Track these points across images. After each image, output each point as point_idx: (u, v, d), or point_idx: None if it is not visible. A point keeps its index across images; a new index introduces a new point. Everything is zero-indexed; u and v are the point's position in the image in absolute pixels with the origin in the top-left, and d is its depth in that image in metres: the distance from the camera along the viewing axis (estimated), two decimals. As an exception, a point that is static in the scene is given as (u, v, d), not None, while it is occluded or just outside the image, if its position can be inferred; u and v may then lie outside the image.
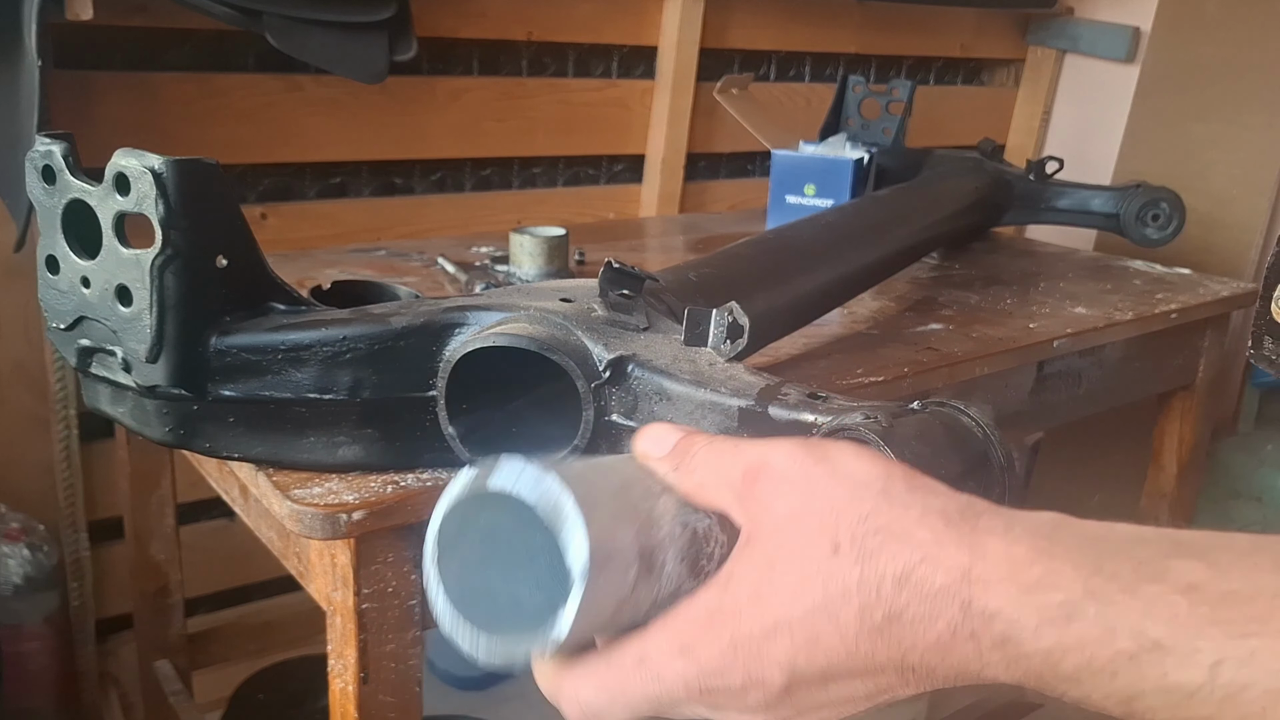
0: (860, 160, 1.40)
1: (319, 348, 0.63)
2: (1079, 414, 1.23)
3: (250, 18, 1.21)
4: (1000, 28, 2.22)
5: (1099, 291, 1.27)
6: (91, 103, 1.27)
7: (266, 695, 1.56)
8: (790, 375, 0.84)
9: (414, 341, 0.64)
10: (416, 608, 0.70)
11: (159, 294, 0.59)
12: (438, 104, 1.53)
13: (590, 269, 1.22)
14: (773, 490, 0.38)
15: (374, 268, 1.21)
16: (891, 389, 0.91)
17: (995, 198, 1.46)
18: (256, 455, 0.66)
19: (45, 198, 0.62)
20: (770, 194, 1.44)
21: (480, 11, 1.52)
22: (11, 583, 1.30)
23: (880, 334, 1.04)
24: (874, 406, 0.53)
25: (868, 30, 1.98)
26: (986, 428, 0.54)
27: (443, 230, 1.60)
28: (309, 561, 0.72)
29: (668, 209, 1.80)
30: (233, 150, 1.39)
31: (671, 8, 1.67)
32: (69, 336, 0.65)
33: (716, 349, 0.62)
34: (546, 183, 1.73)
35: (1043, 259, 1.48)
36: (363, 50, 1.30)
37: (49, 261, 0.64)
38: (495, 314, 0.64)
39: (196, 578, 1.50)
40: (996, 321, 1.11)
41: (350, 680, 0.69)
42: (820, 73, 1.99)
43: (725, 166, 1.94)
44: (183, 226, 0.58)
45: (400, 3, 1.32)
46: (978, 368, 1.00)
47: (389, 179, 1.57)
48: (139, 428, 0.65)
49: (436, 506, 0.37)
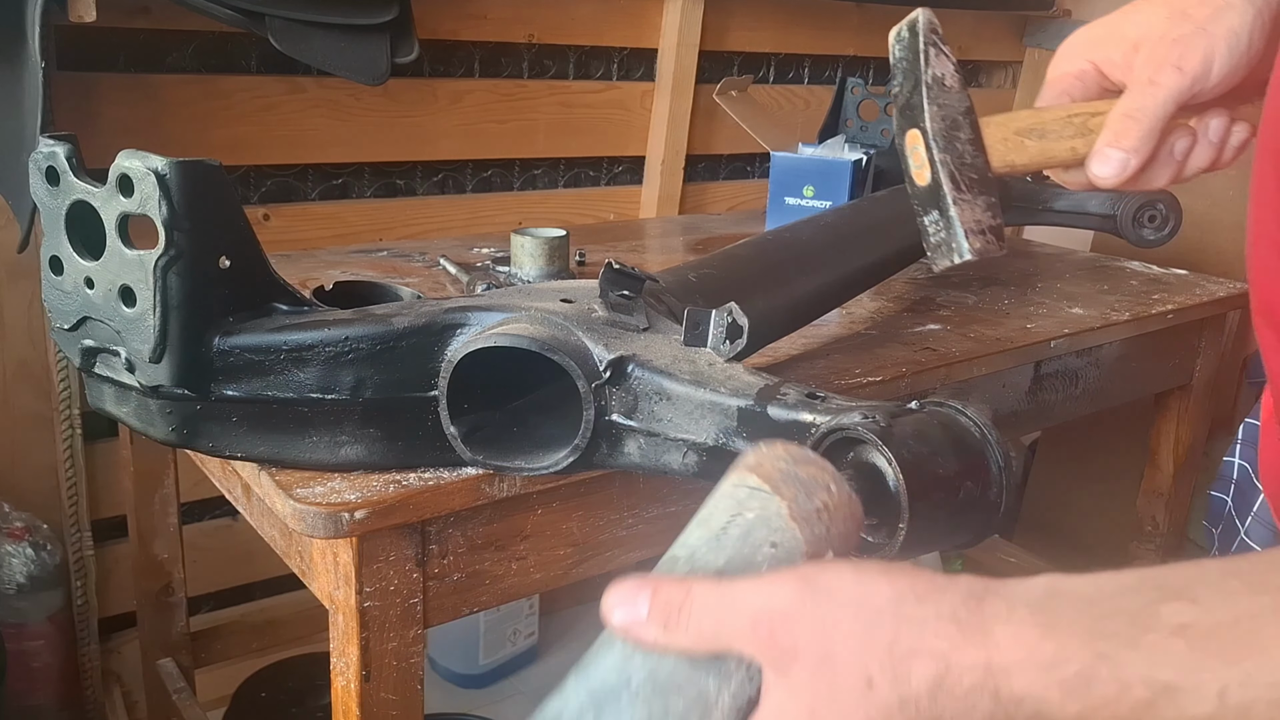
0: (859, 162, 1.40)
1: (321, 348, 0.63)
2: (1076, 414, 1.24)
3: (253, 20, 1.22)
4: (998, 30, 2.22)
5: (1096, 292, 1.28)
6: (95, 104, 1.28)
7: (269, 693, 1.57)
8: (789, 375, 0.84)
9: (416, 342, 0.64)
10: (418, 606, 0.71)
11: (162, 294, 0.59)
12: (439, 105, 1.53)
13: (591, 270, 1.22)
14: (789, 635, 0.38)
15: (376, 268, 1.21)
16: (889, 389, 0.92)
17: (994, 199, 1.47)
18: (259, 454, 0.66)
19: (49, 199, 0.63)
20: (769, 195, 1.44)
21: (481, 14, 1.52)
22: (15, 581, 1.31)
23: (878, 334, 1.05)
24: (872, 406, 0.54)
25: (866, 32, 1.99)
26: (984, 427, 0.54)
27: (444, 231, 1.60)
28: (311, 560, 0.72)
29: (667, 210, 1.81)
30: (235, 151, 1.39)
31: (671, 10, 1.68)
32: (73, 337, 0.65)
33: (716, 349, 0.63)
34: (547, 184, 1.73)
35: (1040, 260, 1.49)
36: (364, 52, 1.31)
37: (53, 262, 0.64)
38: (496, 314, 0.65)
39: (199, 576, 1.51)
40: (994, 322, 1.11)
41: (352, 678, 0.70)
42: (819, 75, 2.00)
43: (725, 168, 1.95)
44: (186, 227, 0.58)
45: (402, 5, 1.33)
46: (975, 368, 1.00)
47: (391, 180, 1.57)
48: (142, 427, 0.66)
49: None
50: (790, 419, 0.57)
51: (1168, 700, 0.34)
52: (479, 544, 0.73)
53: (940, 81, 0.63)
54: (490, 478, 0.69)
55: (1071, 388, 1.19)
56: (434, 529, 0.70)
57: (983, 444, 0.54)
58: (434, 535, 0.70)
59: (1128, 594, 0.36)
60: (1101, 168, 0.60)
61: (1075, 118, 0.63)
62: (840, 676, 0.37)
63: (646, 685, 0.39)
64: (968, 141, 0.63)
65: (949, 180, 0.61)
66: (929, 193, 0.62)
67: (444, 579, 0.72)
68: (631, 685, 0.39)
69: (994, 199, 0.63)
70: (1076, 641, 0.35)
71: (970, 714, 0.36)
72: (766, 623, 0.38)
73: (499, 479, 0.70)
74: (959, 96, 0.64)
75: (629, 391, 0.62)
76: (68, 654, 1.42)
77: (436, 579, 0.72)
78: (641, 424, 0.62)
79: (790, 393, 0.58)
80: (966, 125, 0.63)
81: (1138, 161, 0.60)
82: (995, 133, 0.64)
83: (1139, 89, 0.59)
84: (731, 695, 0.39)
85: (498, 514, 0.73)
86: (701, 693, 0.39)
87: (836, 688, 0.37)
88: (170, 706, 1.33)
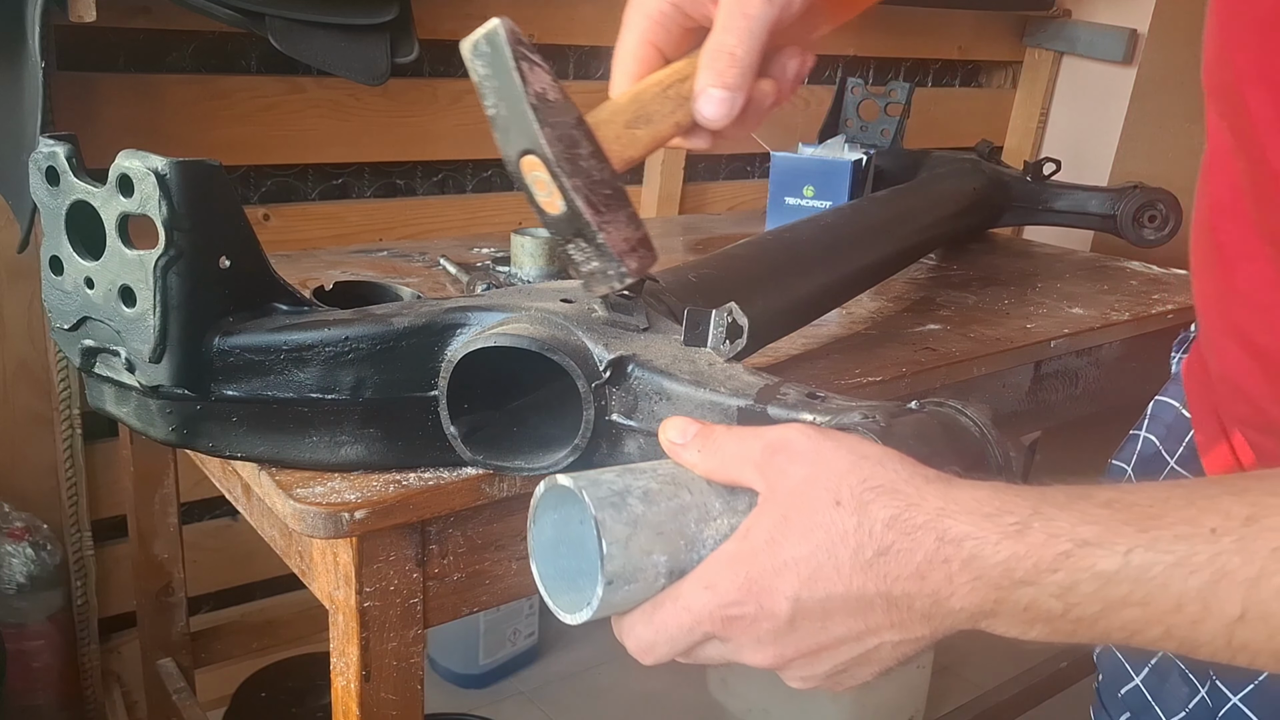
0: (859, 162, 1.40)
1: (321, 348, 0.63)
2: (1076, 414, 1.24)
3: (253, 20, 1.22)
4: (998, 30, 2.23)
5: (1096, 292, 1.28)
6: (95, 104, 1.28)
7: (269, 693, 1.57)
8: (789, 375, 0.84)
9: (416, 342, 0.64)
10: (418, 606, 0.71)
11: (162, 294, 0.59)
12: (439, 105, 1.53)
13: (590, 270, 1.22)
14: (788, 460, 0.45)
15: (376, 268, 1.21)
16: (890, 389, 0.92)
17: (993, 199, 1.47)
18: (259, 454, 0.66)
19: (49, 199, 0.62)
20: (769, 195, 1.44)
21: (481, 14, 1.51)
22: (15, 582, 1.31)
23: (878, 334, 1.05)
24: (872, 406, 0.54)
25: (866, 32, 1.99)
26: (984, 427, 0.54)
27: (444, 231, 1.60)
28: (311, 560, 0.72)
29: (667, 210, 1.81)
30: (235, 151, 1.39)
31: (671, 9, 1.67)
32: (73, 337, 0.65)
33: (716, 349, 0.63)
34: (547, 184, 1.73)
35: (1040, 260, 1.49)
36: (364, 52, 1.31)
37: (53, 262, 0.64)
38: (496, 314, 0.65)
39: (199, 576, 1.51)
40: (994, 322, 1.11)
41: (352, 678, 0.70)
42: (819, 75, 2.00)
43: (725, 168, 1.95)
44: (186, 227, 0.58)
45: (402, 5, 1.33)
46: (975, 368, 1.00)
47: (391, 180, 1.57)
48: (142, 427, 0.65)
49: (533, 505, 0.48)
50: (791, 419, 0.57)
51: (1084, 553, 0.39)
52: (479, 544, 0.73)
53: (543, 97, 0.58)
54: (490, 478, 0.69)
55: (1071, 388, 1.19)
56: (434, 529, 0.70)
57: (983, 444, 0.54)
58: (434, 535, 0.70)
59: (1072, 486, 0.43)
60: (709, 108, 0.59)
61: (670, 89, 0.61)
62: (815, 493, 0.43)
63: (669, 475, 0.47)
64: (589, 156, 0.59)
65: (587, 206, 0.57)
66: (566, 221, 0.58)
67: (444, 579, 0.72)
68: (659, 471, 0.48)
69: (630, 208, 0.60)
70: (1020, 501, 0.41)
71: (913, 551, 0.41)
72: (773, 448, 0.46)
73: (499, 479, 0.70)
74: (566, 108, 0.59)
75: (629, 391, 0.62)
76: (68, 654, 1.42)
77: (436, 579, 0.72)
78: (641, 424, 0.62)
79: (790, 393, 0.58)
80: (583, 139, 0.59)
81: (742, 97, 0.59)
82: (607, 133, 0.60)
83: (732, 22, 0.58)
84: (729, 525, 0.47)
85: (498, 514, 0.73)
86: (707, 504, 0.47)
87: (809, 501, 0.43)
88: (170, 706, 1.33)
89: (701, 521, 0.46)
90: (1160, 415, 0.73)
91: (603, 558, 0.44)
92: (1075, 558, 0.39)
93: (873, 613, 0.43)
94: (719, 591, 0.44)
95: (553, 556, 0.48)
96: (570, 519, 0.48)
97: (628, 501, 0.45)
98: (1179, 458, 0.69)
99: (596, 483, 0.45)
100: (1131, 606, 0.39)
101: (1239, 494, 0.38)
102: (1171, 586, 0.38)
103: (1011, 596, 0.40)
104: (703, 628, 0.45)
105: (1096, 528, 0.39)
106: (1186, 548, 0.38)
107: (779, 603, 0.43)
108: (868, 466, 0.44)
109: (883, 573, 0.42)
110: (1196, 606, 0.37)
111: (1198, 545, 0.37)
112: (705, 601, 0.45)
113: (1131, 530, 0.39)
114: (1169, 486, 0.41)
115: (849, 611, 0.43)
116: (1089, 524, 0.39)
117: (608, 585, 0.44)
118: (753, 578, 0.44)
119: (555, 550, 0.48)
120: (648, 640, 0.47)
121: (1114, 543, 0.39)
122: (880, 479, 0.43)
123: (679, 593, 0.46)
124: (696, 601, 0.45)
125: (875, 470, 0.43)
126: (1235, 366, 0.58)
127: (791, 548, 0.43)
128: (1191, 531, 0.38)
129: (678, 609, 0.45)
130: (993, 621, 0.41)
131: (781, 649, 0.44)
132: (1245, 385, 0.57)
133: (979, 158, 1.53)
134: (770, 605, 0.43)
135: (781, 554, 0.43)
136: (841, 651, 0.44)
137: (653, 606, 0.46)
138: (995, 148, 1.56)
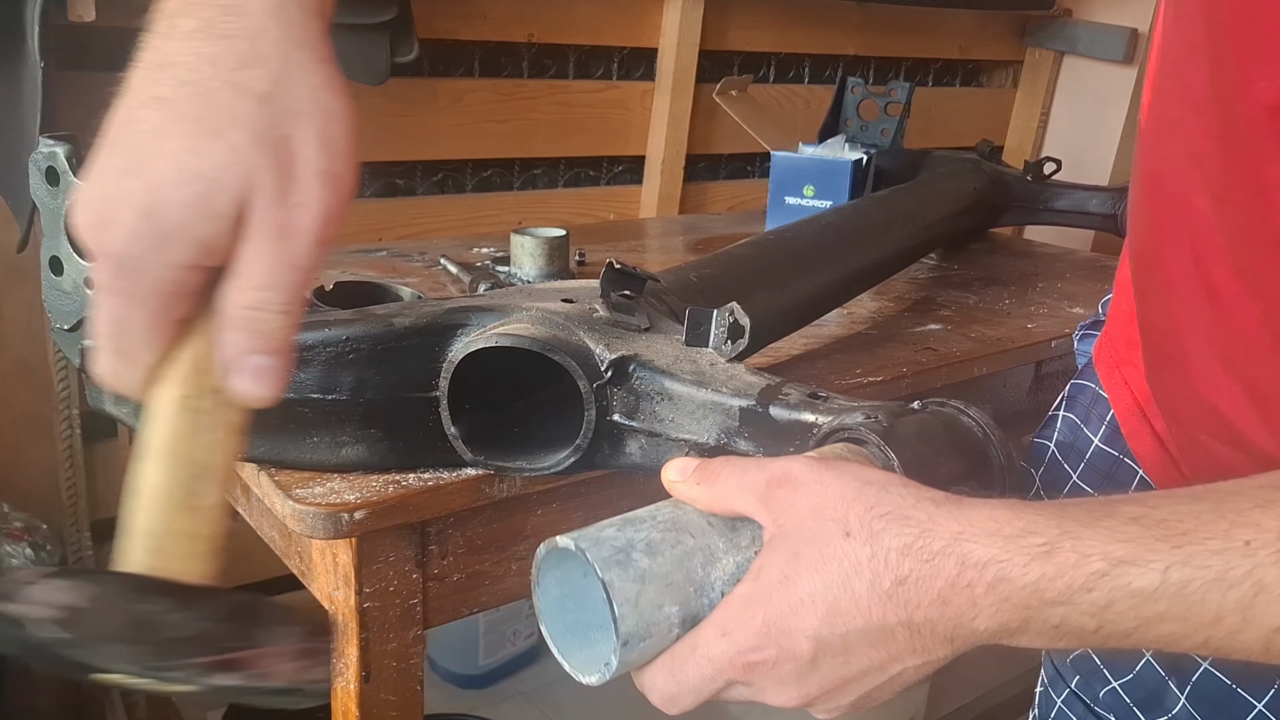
0: (859, 161, 1.40)
1: (322, 348, 0.63)
2: (1077, 414, 1.24)
3: (252, 19, 1.22)
4: (998, 30, 2.22)
5: (1097, 291, 1.28)
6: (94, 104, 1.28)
7: (268, 694, 1.56)
8: (790, 375, 0.84)
9: (416, 342, 0.64)
10: (418, 606, 0.70)
11: (163, 295, 0.59)
12: (439, 105, 1.53)
13: (591, 270, 1.22)
14: (792, 492, 0.44)
15: (376, 268, 1.21)
16: (890, 389, 0.92)
17: (993, 198, 1.47)
18: (259, 455, 0.66)
19: (49, 199, 0.62)
20: (770, 195, 1.44)
21: (481, 13, 1.52)
22: (14, 582, 1.30)
23: (879, 334, 1.05)
24: (874, 406, 0.54)
25: (866, 32, 1.99)
26: (986, 427, 0.54)
27: (444, 231, 1.60)
28: (311, 561, 0.72)
29: (668, 210, 1.81)
30: (234, 151, 1.39)
31: (671, 10, 1.67)
32: (73, 337, 0.65)
33: (717, 349, 0.63)
34: (547, 184, 1.73)
35: (1040, 259, 1.49)
36: (364, 51, 1.31)
37: (53, 263, 0.64)
38: (497, 315, 0.65)
39: (198, 577, 1.51)
40: (995, 322, 1.11)
41: (352, 679, 0.70)
42: (819, 74, 2.00)
43: (725, 168, 1.94)
44: (187, 228, 0.58)
45: (401, 4, 1.33)
46: (976, 368, 1.00)
47: (391, 180, 1.57)
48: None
49: (535, 569, 0.47)
50: (792, 419, 0.57)
51: (1119, 572, 0.38)
52: (479, 545, 0.73)
53: None
54: (490, 478, 0.69)
55: (1072, 388, 1.18)
56: (434, 530, 0.70)
57: (985, 444, 0.54)
58: (434, 536, 0.70)
59: (1086, 500, 0.42)
60: (251, 383, 0.43)
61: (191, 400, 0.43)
62: (824, 526, 0.43)
63: (669, 520, 0.47)
64: None
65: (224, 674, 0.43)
66: None
67: (444, 580, 0.72)
68: (658, 518, 0.47)
69: None
70: (1043, 520, 0.40)
71: (933, 578, 0.40)
72: (776, 481, 0.45)
73: (499, 480, 0.70)
74: None
75: (630, 391, 0.62)
76: (67, 654, 1.41)
77: (436, 580, 0.71)
78: (643, 424, 0.62)
79: (792, 393, 0.58)
80: None
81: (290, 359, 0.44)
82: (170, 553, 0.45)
83: (268, 244, 0.42)
84: (736, 564, 0.46)
85: (498, 515, 0.73)
86: (711, 545, 0.46)
87: (819, 534, 0.43)
88: (169, 706, 1.33)
89: (708, 565, 0.46)
90: (1078, 396, 0.72)
91: (615, 620, 0.43)
92: (1110, 577, 0.39)
93: (894, 641, 0.42)
94: (737, 638, 0.44)
95: (559, 613, 0.48)
96: (573, 573, 0.48)
97: (632, 557, 0.44)
98: (1103, 436, 0.68)
99: (599, 541, 0.45)
100: (1169, 621, 0.39)
101: (1266, 506, 0.39)
102: (1210, 601, 0.38)
103: (1041, 615, 0.40)
104: (725, 675, 0.44)
105: (1130, 545, 0.39)
106: (1223, 562, 0.38)
107: (799, 643, 0.42)
108: (873, 493, 0.43)
109: (903, 601, 0.41)
110: (1236, 619, 0.38)
111: (1234, 560, 0.38)
112: (725, 649, 0.44)
113: (1166, 547, 0.39)
114: (1190, 499, 0.40)
115: (870, 643, 0.42)
116: (1121, 542, 0.39)
117: (623, 646, 0.44)
118: (770, 620, 0.43)
119: (561, 606, 0.48)
120: (671, 693, 0.46)
121: (1149, 560, 0.38)
122: (887, 505, 0.42)
123: (697, 642, 0.45)
124: (716, 650, 0.44)
125: (881, 496, 0.43)
126: (1220, 394, 0.56)
127: (806, 584, 0.42)
128: (1226, 546, 0.38)
129: (698, 659, 0.45)
130: (1018, 638, 0.41)
131: (806, 688, 0.44)
132: (1229, 413, 0.55)
133: (979, 157, 1.53)
134: (790, 646, 0.43)
135: (796, 592, 0.42)
136: (866, 681, 0.44)
137: (672, 659, 0.46)
138: (996, 147, 1.56)
